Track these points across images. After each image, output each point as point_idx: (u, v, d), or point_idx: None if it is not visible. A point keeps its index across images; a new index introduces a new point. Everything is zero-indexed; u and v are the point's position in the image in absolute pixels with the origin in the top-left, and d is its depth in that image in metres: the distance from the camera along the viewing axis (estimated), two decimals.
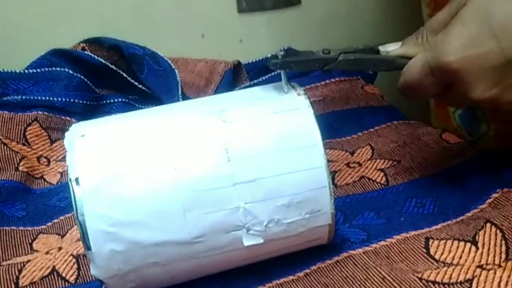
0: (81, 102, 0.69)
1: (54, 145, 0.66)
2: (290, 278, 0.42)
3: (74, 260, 0.46)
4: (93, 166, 0.37)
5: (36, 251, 0.49)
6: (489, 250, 0.42)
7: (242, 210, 0.38)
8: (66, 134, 0.39)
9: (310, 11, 0.88)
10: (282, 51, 0.43)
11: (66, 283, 0.44)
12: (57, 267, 0.46)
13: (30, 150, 0.64)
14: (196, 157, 0.38)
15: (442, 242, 0.43)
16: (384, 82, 0.80)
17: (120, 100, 0.72)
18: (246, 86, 0.76)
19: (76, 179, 0.37)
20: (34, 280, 0.45)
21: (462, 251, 0.42)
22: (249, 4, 0.41)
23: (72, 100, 0.68)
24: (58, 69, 0.72)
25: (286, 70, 0.42)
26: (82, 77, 0.72)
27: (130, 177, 0.37)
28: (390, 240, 0.45)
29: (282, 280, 0.42)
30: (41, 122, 0.66)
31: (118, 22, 0.80)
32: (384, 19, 0.93)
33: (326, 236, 0.41)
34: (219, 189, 0.37)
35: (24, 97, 0.67)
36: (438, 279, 0.39)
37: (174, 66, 0.76)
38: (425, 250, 0.43)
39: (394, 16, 0.93)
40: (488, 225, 0.44)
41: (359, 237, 0.45)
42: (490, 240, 0.43)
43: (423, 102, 0.70)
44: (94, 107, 0.71)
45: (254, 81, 0.78)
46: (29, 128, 0.65)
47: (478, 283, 0.38)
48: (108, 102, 0.72)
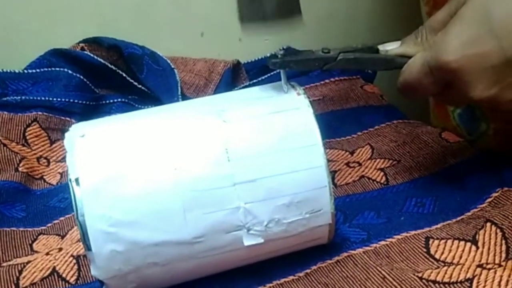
0: (80, 102, 0.69)
1: (53, 145, 0.66)
2: (290, 278, 0.42)
3: (74, 260, 0.46)
4: (93, 167, 0.37)
5: (36, 252, 0.49)
6: (489, 249, 0.42)
7: (242, 210, 0.38)
8: (66, 135, 0.39)
9: (309, 11, 0.88)
10: (281, 51, 0.43)
11: (67, 284, 0.44)
12: (57, 268, 0.46)
13: (30, 150, 0.64)
14: (196, 157, 0.38)
15: (442, 241, 0.43)
16: (383, 81, 0.80)
17: (119, 100, 0.72)
18: (246, 86, 0.76)
19: (76, 180, 0.37)
20: (35, 281, 0.45)
21: (462, 251, 0.42)
22: (250, 13, 0.41)
23: (71, 100, 0.68)
24: (57, 69, 0.72)
25: (286, 70, 0.42)
26: (82, 77, 0.72)
27: (130, 177, 0.37)
28: (390, 239, 0.45)
29: (282, 280, 0.42)
30: (40, 122, 0.66)
31: (118, 22, 0.80)
32: (383, 18, 0.93)
33: (326, 235, 0.41)
34: (219, 189, 0.37)
35: (23, 97, 0.67)
36: (439, 279, 0.39)
37: (173, 66, 0.76)
38: (425, 250, 0.43)
39: (393, 15, 0.93)
40: (488, 224, 0.44)
41: (359, 236, 0.45)
42: (490, 239, 0.43)
43: (423, 101, 0.70)
44: (94, 107, 0.71)
45: (254, 80, 0.78)
46: (28, 128, 0.65)
47: (478, 283, 0.38)
48: (107, 102, 0.72)
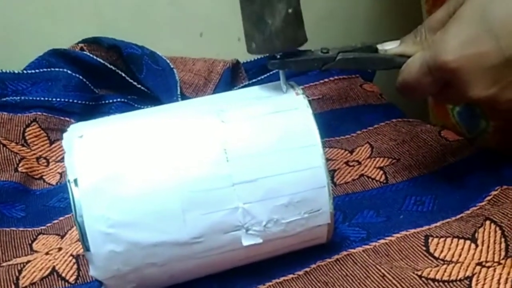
0: (80, 102, 0.69)
1: (53, 145, 0.66)
2: (290, 276, 0.42)
3: (74, 260, 0.46)
4: (91, 167, 0.37)
5: (36, 252, 0.49)
6: (488, 247, 0.42)
7: (241, 210, 0.38)
8: (64, 135, 0.39)
9: (308, 10, 0.88)
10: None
11: (66, 283, 0.45)
12: (57, 268, 0.46)
13: (29, 151, 0.64)
14: (194, 157, 0.38)
15: (442, 239, 0.43)
16: (382, 80, 0.80)
17: (119, 100, 0.72)
18: (245, 85, 0.76)
19: (74, 180, 0.37)
20: (34, 280, 0.45)
21: (462, 249, 0.42)
22: (258, 47, 0.41)
23: (71, 100, 0.68)
24: (56, 69, 0.72)
25: (285, 70, 0.42)
26: (81, 77, 0.71)
27: (128, 177, 0.37)
28: (389, 238, 0.45)
29: (282, 278, 0.42)
30: (40, 122, 0.66)
31: (117, 22, 0.80)
32: (382, 17, 0.93)
33: (325, 235, 0.41)
34: (218, 189, 0.37)
35: (23, 97, 0.67)
36: (438, 277, 0.39)
37: (172, 66, 0.76)
38: (424, 248, 0.43)
39: (392, 13, 0.93)
40: (487, 222, 0.44)
41: (359, 235, 0.45)
42: (489, 237, 0.43)
43: (422, 99, 0.70)
44: (93, 107, 0.71)
45: (253, 80, 0.78)
46: (28, 129, 0.65)
47: (477, 281, 0.38)
48: (107, 102, 0.72)
